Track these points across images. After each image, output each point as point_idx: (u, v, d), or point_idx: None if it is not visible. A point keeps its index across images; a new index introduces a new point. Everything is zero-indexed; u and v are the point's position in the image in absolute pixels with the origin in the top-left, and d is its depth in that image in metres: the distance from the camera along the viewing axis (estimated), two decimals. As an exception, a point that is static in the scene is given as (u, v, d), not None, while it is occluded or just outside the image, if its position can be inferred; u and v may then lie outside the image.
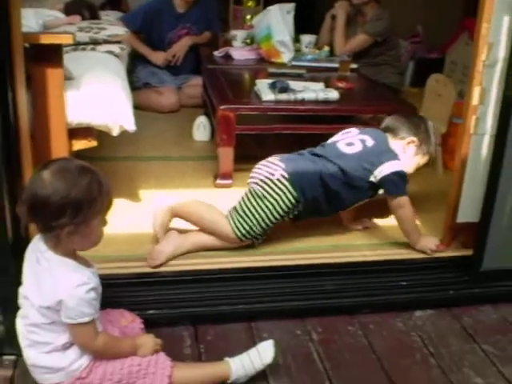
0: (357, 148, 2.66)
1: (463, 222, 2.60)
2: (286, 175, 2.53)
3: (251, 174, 2.64)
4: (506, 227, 2.44)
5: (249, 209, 2.54)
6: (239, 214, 2.55)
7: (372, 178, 2.61)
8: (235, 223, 2.53)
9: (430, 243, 2.65)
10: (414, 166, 2.76)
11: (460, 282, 2.52)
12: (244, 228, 2.53)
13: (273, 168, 2.57)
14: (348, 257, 2.61)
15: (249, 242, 2.58)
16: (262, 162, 2.66)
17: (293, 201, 2.54)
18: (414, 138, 2.70)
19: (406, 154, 2.70)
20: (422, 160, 2.77)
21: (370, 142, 2.67)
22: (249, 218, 2.53)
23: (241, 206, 2.57)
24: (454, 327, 2.34)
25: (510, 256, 2.50)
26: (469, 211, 2.55)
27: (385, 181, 2.60)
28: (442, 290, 2.49)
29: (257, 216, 2.53)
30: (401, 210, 2.62)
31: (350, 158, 2.62)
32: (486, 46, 2.35)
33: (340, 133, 2.79)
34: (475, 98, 2.42)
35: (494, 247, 2.46)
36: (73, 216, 1.64)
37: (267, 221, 2.54)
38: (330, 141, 2.77)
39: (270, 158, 2.64)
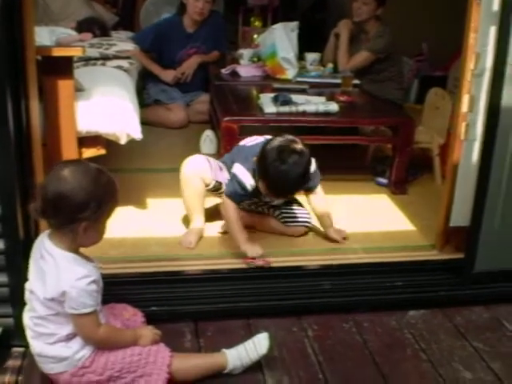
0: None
1: (456, 225, 2.69)
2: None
3: None
4: (497, 230, 2.53)
5: None
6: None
7: None
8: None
9: (254, 249, 2.66)
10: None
11: (453, 283, 2.60)
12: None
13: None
14: (345, 259, 2.72)
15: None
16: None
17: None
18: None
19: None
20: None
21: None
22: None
23: None
24: (445, 325, 2.42)
25: (501, 258, 2.58)
26: (461, 215, 2.64)
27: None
28: (435, 291, 2.58)
29: None
30: (222, 208, 2.76)
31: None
32: (473, 56, 2.46)
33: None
34: (464, 106, 2.53)
35: (485, 250, 2.54)
36: (94, 210, 1.79)
37: None
38: None
39: None
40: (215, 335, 2.29)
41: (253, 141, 2.79)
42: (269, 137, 2.71)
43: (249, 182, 2.68)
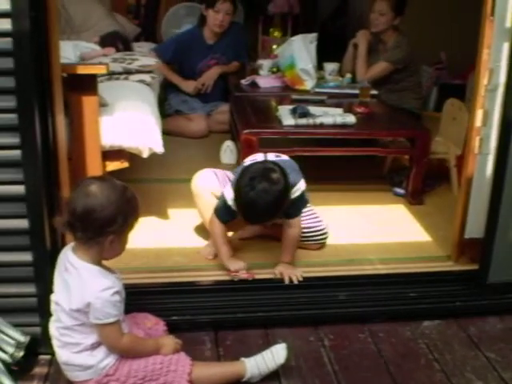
0: None
1: (471, 237, 2.73)
2: None
3: None
4: (510, 242, 2.57)
5: None
6: None
7: None
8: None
9: (236, 263, 2.69)
10: None
11: (467, 294, 2.65)
12: None
13: None
14: (361, 270, 2.78)
15: None
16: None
17: None
18: None
19: None
20: None
21: None
22: None
23: None
24: (459, 336, 2.47)
25: (516, 269, 2.63)
26: (476, 227, 2.69)
27: None
28: (450, 301, 2.62)
29: None
30: (209, 223, 2.78)
31: None
32: (487, 71, 2.51)
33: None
34: (478, 120, 2.58)
35: (499, 261, 2.59)
36: (121, 224, 1.90)
37: None
38: None
39: None
40: (234, 344, 2.36)
41: (253, 159, 2.77)
42: (271, 155, 2.77)
43: (232, 201, 2.63)
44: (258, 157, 2.78)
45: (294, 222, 2.72)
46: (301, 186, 2.68)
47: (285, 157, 2.80)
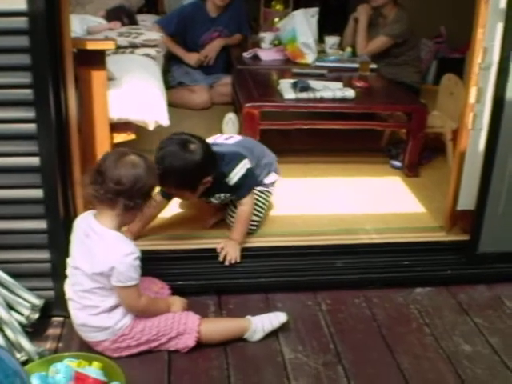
0: None
1: (463, 209, 2.86)
2: None
3: None
4: (500, 214, 2.69)
5: None
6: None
7: None
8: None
9: None
10: None
11: (458, 263, 2.78)
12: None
13: None
14: (357, 239, 2.91)
15: None
16: None
17: None
18: None
19: None
20: None
21: None
22: None
23: None
24: (449, 302, 2.60)
25: (504, 240, 2.75)
26: (467, 200, 2.81)
27: None
28: (442, 270, 2.75)
29: None
30: None
31: None
32: (481, 50, 2.60)
33: None
34: (472, 97, 2.68)
35: (489, 232, 2.71)
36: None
37: None
38: None
39: None
40: (237, 307, 2.49)
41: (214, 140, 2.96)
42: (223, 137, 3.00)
43: None
44: (219, 138, 2.96)
45: (244, 200, 2.79)
46: (240, 170, 2.74)
47: (237, 138, 3.00)
